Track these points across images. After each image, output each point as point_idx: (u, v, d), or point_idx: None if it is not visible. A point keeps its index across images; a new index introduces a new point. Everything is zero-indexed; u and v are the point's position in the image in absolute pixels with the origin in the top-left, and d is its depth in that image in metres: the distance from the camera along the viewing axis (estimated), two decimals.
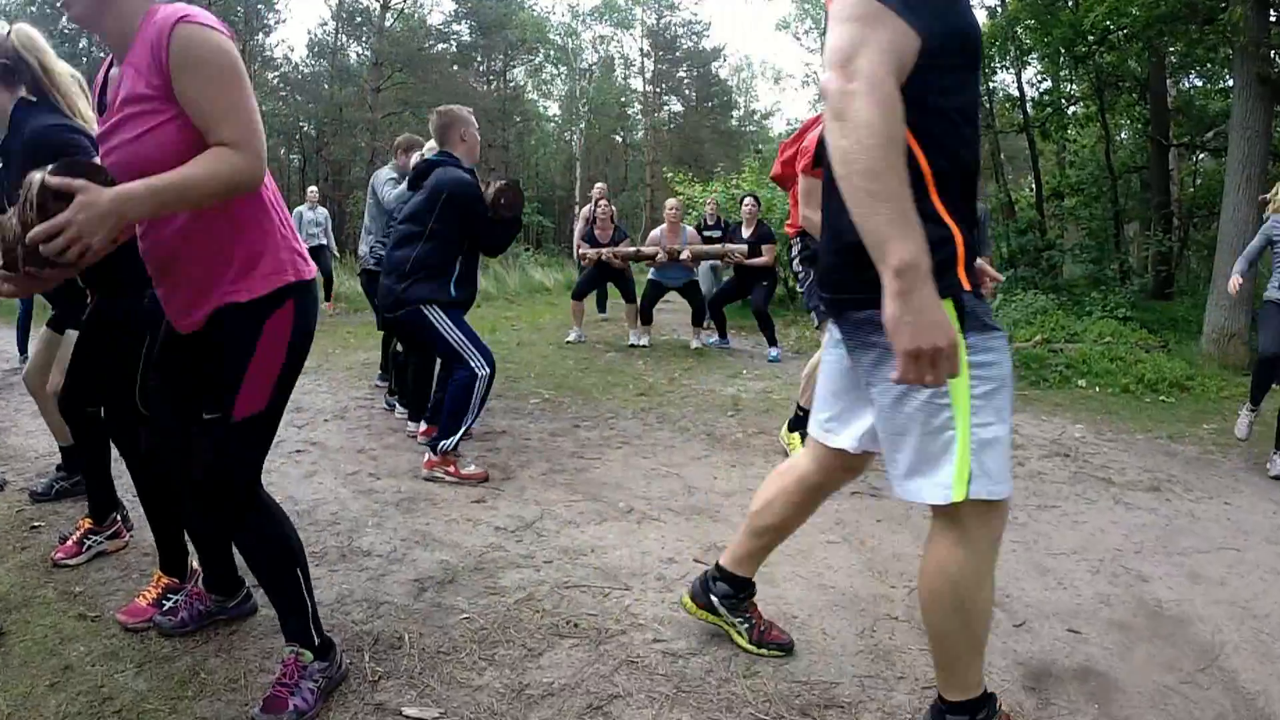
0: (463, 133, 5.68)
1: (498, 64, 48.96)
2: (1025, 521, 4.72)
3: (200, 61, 2.30)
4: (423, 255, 5.38)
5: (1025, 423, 7.32)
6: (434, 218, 5.38)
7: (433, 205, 5.39)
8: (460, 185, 5.38)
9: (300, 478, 5.27)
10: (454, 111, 5.76)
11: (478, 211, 5.41)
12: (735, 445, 6.37)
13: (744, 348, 11.82)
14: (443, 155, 5.66)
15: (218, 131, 2.31)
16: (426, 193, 5.47)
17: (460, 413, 5.34)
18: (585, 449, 6.18)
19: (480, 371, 5.31)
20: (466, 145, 5.69)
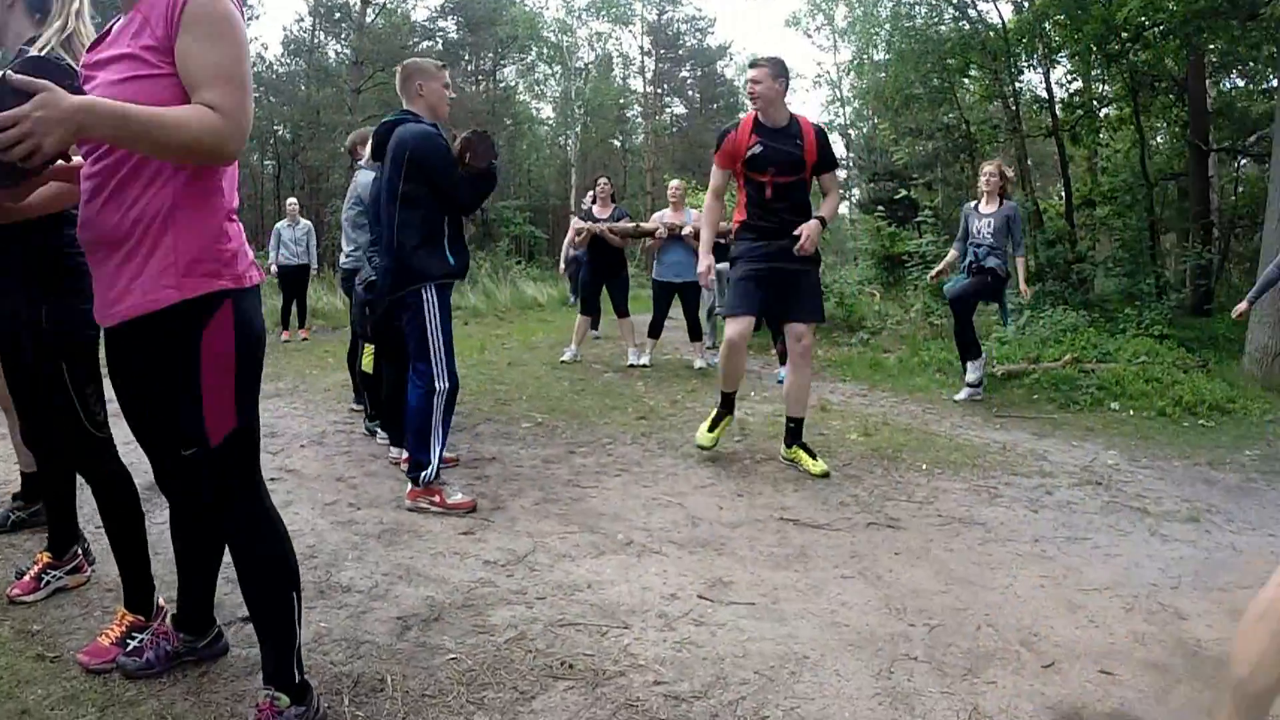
0: (419, 86, 5.62)
1: (487, 63, 49.13)
2: (1054, 555, 4.72)
3: (211, 21, 2.39)
4: (403, 221, 5.36)
5: (1054, 449, 7.33)
6: (403, 180, 5.34)
7: (398, 166, 5.35)
8: (420, 138, 5.34)
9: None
10: (413, 63, 5.74)
11: (445, 166, 5.35)
12: (742, 473, 6.38)
13: (751, 367, 11.82)
14: (402, 114, 5.60)
15: (206, 92, 2.37)
16: (390, 156, 5.44)
17: (424, 434, 5.35)
18: (581, 476, 6.19)
19: (438, 385, 5.32)
20: (426, 100, 5.62)
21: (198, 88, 2.37)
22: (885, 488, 6.01)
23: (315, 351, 12.50)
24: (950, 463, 6.70)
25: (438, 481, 5.36)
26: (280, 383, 9.88)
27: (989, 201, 9.57)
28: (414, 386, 5.39)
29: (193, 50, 2.37)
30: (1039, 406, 9.16)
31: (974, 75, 22.20)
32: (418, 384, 5.36)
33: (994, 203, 9.53)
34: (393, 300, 5.49)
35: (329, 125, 36.97)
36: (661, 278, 11.57)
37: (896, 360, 11.98)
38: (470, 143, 5.36)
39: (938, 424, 8.26)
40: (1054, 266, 17.57)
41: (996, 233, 9.36)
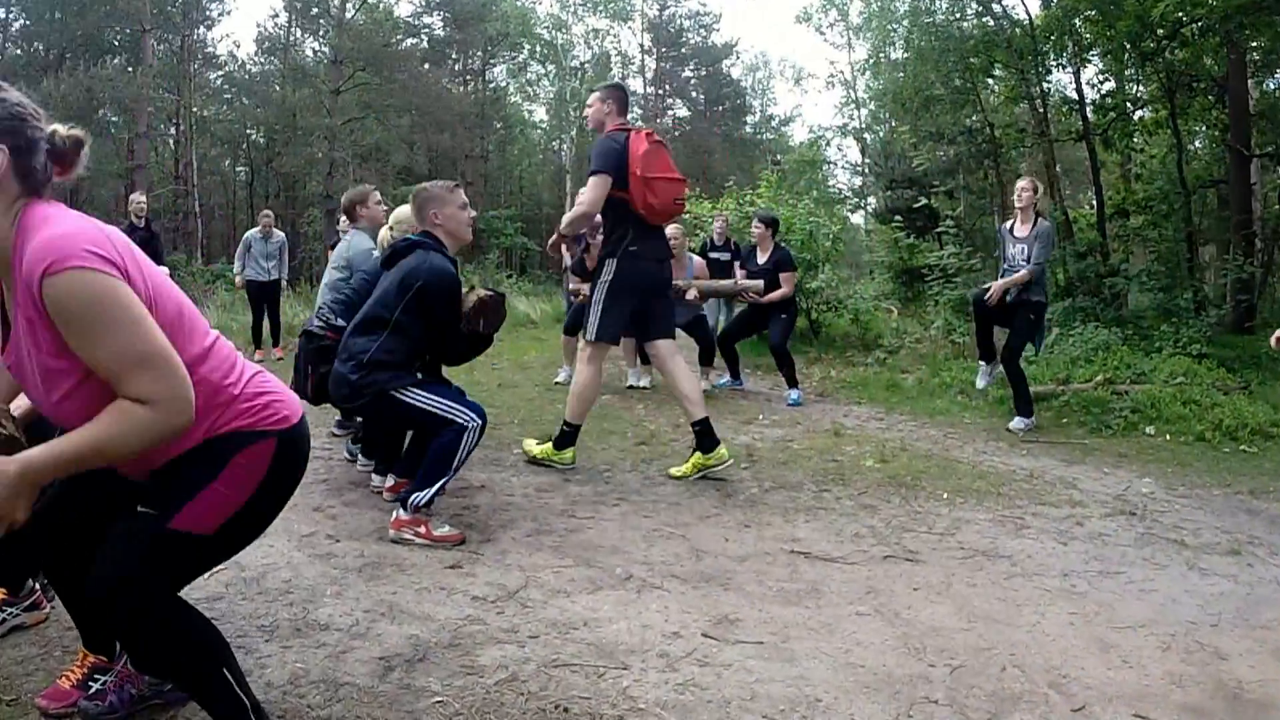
0: (434, 215, 5.74)
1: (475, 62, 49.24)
2: (1085, 590, 4.73)
3: (80, 318, 2.30)
4: (386, 346, 5.44)
5: (1085, 476, 7.35)
6: (401, 308, 5.44)
7: (403, 293, 5.44)
8: (437, 278, 5.44)
9: None
10: (424, 192, 5.87)
11: (448, 312, 5.49)
12: (749, 502, 6.39)
13: (760, 389, 11.85)
14: (424, 236, 5.71)
15: (123, 386, 2.35)
16: (399, 277, 5.52)
17: (443, 467, 5.37)
18: (576, 506, 6.20)
19: (470, 424, 5.37)
20: (445, 227, 5.74)
21: (117, 383, 2.34)
22: (903, 518, 6.02)
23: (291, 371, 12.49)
24: (973, 491, 6.72)
25: (424, 512, 5.38)
26: None
27: (1024, 221, 9.21)
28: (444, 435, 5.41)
29: (83, 349, 2.32)
30: (1068, 431, 9.17)
31: (999, 75, 22.22)
32: (447, 436, 5.39)
33: (1029, 222, 9.16)
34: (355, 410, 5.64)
35: (306, 129, 37.06)
36: None
37: (915, 381, 12.00)
38: (485, 306, 5.59)
39: (960, 450, 8.28)
40: (1084, 280, 17.52)
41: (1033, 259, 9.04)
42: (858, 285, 20.24)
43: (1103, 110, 19.79)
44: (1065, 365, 11.50)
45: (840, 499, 6.47)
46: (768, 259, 11.13)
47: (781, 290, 10.89)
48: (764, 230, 11.31)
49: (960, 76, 21.44)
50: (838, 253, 17.52)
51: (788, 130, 62.77)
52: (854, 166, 50.47)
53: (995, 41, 20.15)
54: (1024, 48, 19.41)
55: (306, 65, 41.73)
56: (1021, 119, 22.84)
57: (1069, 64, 20.18)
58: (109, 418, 2.33)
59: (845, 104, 49.95)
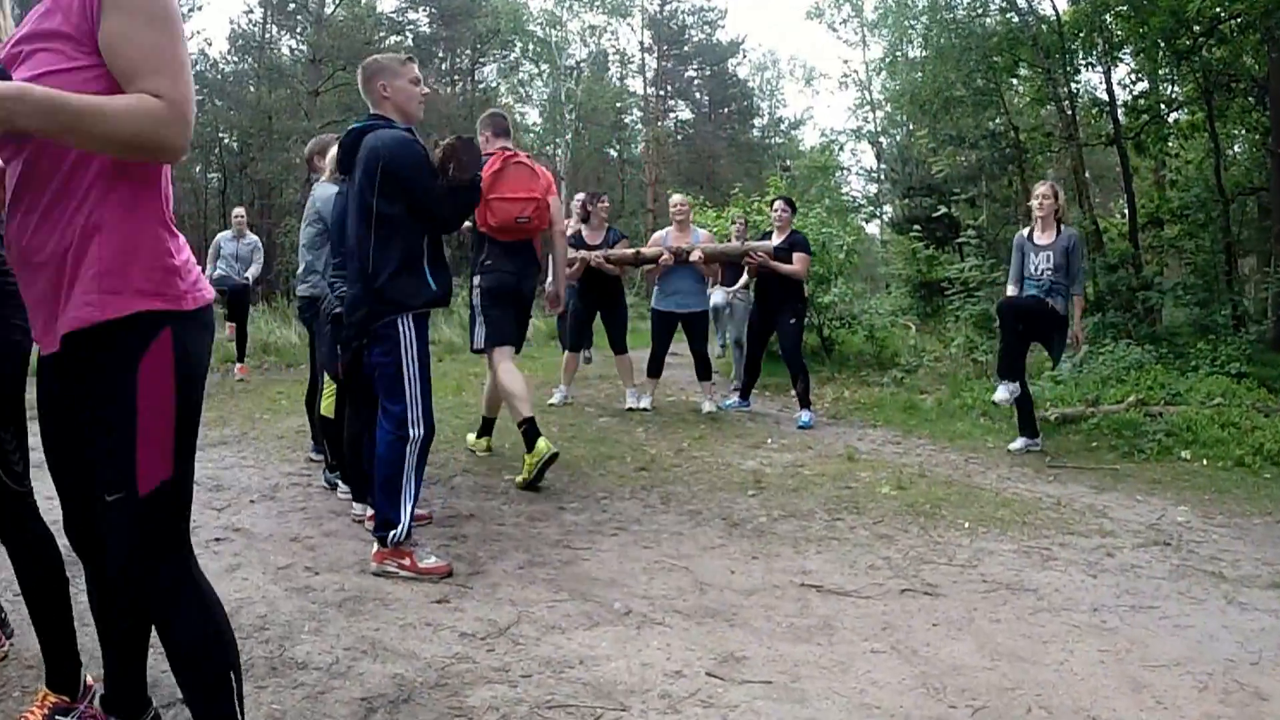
0: (383, 86, 5.65)
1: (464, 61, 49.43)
2: (1116, 626, 4.74)
3: (151, 4, 2.38)
4: (380, 244, 5.36)
5: (1116, 504, 7.36)
6: (376, 195, 5.35)
7: (370, 179, 5.36)
8: (394, 146, 5.37)
9: (220, 572, 5.29)
10: (373, 62, 5.77)
11: (423, 178, 5.39)
12: (757, 532, 6.40)
13: (768, 411, 11.86)
14: (371, 119, 5.64)
15: (147, 80, 2.36)
16: (360, 169, 5.45)
17: (393, 487, 5.35)
18: (572, 536, 6.21)
19: (412, 431, 5.35)
20: (393, 101, 5.65)
21: (135, 76, 2.36)
22: (922, 549, 6.03)
23: (267, 392, 12.51)
24: (997, 520, 6.73)
25: (408, 542, 5.37)
26: (227, 428, 9.91)
27: (1045, 229, 9.26)
28: (383, 431, 5.41)
29: (124, 34, 2.35)
30: (1098, 456, 9.18)
31: (1024, 75, 22.31)
32: (387, 429, 5.38)
33: (1050, 230, 9.22)
34: (366, 335, 5.52)
35: (283, 132, 37.07)
36: (662, 307, 11.55)
37: (935, 403, 12.02)
38: (454, 150, 5.40)
39: (982, 476, 8.29)
40: (1116, 295, 17.55)
41: (1057, 268, 9.06)
42: (873, 300, 20.25)
43: (1135, 112, 19.86)
44: (1095, 385, 11.51)
45: (854, 528, 6.47)
46: (783, 240, 11.19)
47: (792, 266, 10.97)
48: (787, 211, 11.43)
49: (983, 76, 21.51)
50: (852, 265, 17.56)
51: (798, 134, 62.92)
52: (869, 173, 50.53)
53: (1020, 39, 20.22)
54: (1051, 46, 19.47)
55: (283, 64, 41.88)
56: (1048, 122, 22.91)
57: (1099, 63, 20.23)
58: (123, 97, 2.33)
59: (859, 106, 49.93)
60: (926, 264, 23.22)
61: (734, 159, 54.79)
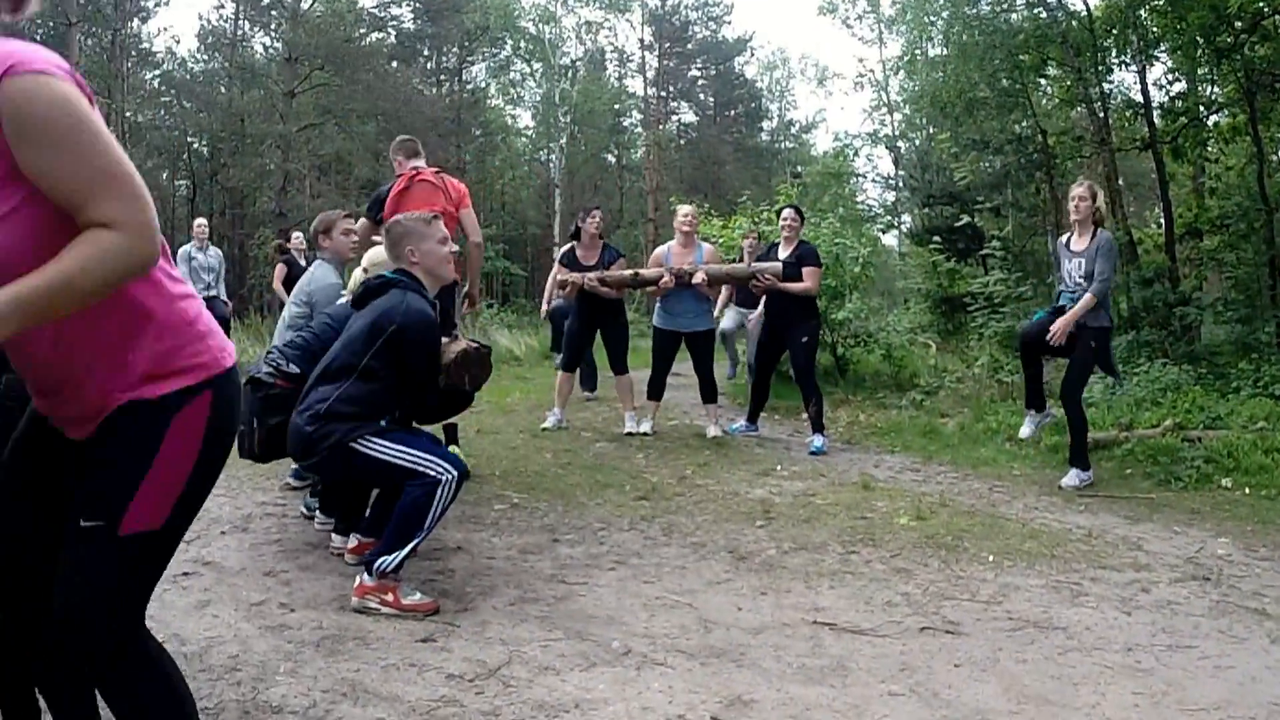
0: (411, 251, 5.75)
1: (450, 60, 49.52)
2: (1151, 666, 4.74)
3: (45, 126, 2.26)
4: (347, 395, 5.41)
5: (1151, 536, 7.37)
6: (372, 354, 5.43)
7: (374, 337, 5.44)
8: (415, 321, 5.44)
9: (189, 609, 5.31)
10: (400, 225, 5.87)
11: (425, 361, 5.50)
12: (766, 566, 6.41)
13: (777, 435, 11.87)
14: (400, 274, 5.73)
15: (87, 210, 2.30)
16: (370, 318, 5.53)
17: (414, 525, 5.35)
18: (567, 571, 6.22)
19: (444, 476, 5.34)
20: (423, 265, 5.76)
21: (77, 209, 2.30)
22: (943, 584, 6.04)
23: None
24: (1023, 553, 6.74)
25: (392, 577, 5.38)
26: None
27: (1080, 234, 9.16)
28: (412, 487, 5.40)
29: (42, 169, 2.27)
30: (1133, 484, 9.19)
31: (1052, 75, 22.32)
32: (415, 487, 5.37)
33: (1086, 234, 9.10)
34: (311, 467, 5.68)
35: (256, 136, 37.07)
36: (665, 325, 11.51)
37: (957, 427, 12.02)
38: (468, 358, 5.64)
39: (1008, 505, 8.30)
40: (1151, 310, 17.49)
41: (1090, 276, 8.92)
42: (890, 316, 20.31)
43: (1172, 115, 19.83)
44: (1129, 408, 11.52)
45: (870, 562, 6.49)
46: (790, 253, 11.09)
47: (803, 284, 10.86)
48: (796, 220, 11.34)
49: (1008, 76, 21.50)
50: (867, 279, 17.52)
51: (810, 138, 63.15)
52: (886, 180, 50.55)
53: (1048, 36, 20.22)
54: (1081, 43, 19.49)
55: (256, 64, 41.92)
56: (1078, 125, 22.91)
57: (1133, 62, 20.22)
58: (75, 249, 2.27)
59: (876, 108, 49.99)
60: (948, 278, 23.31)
61: (741, 165, 54.80)
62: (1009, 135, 24.15)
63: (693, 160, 55.97)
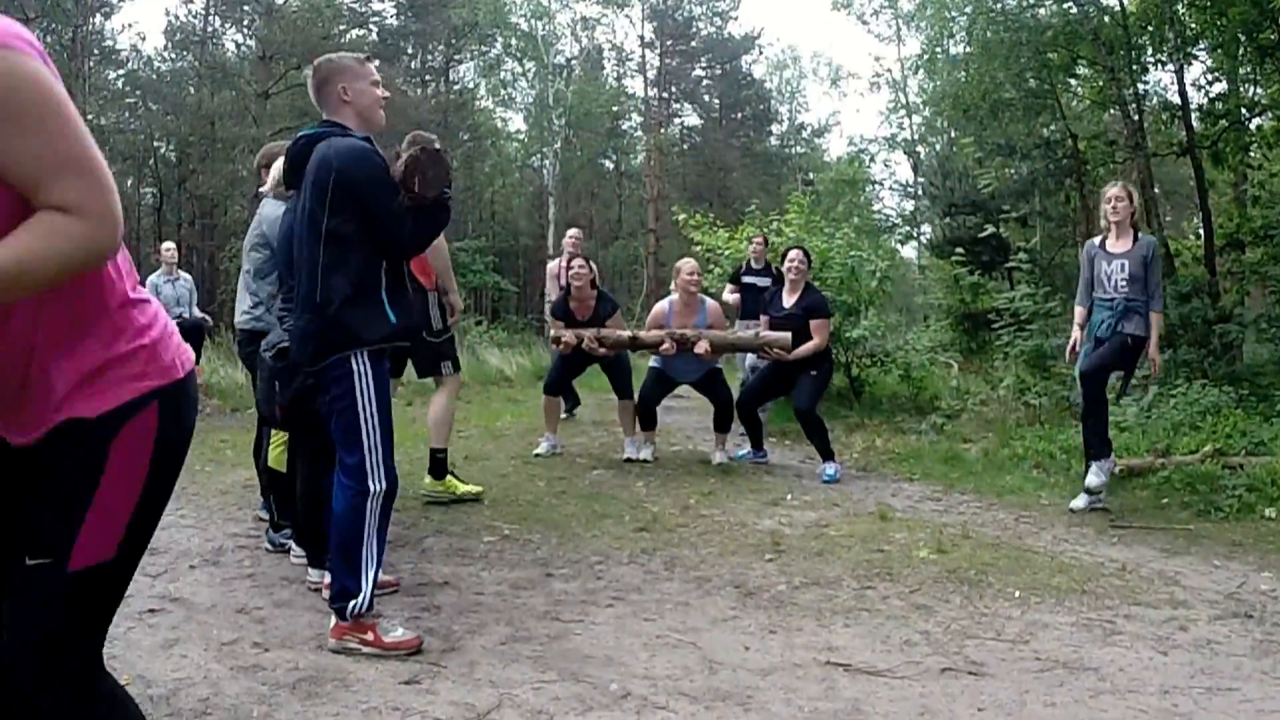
0: (343, 89, 5.54)
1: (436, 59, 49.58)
2: (1190, 711, 4.74)
3: (16, 96, 2.23)
4: (329, 268, 5.29)
5: (1189, 569, 7.37)
6: (327, 213, 5.28)
7: (321, 193, 5.29)
8: (350, 158, 5.29)
9: (155, 648, 5.30)
10: (327, 62, 5.68)
11: (383, 194, 5.31)
12: (776, 602, 6.41)
13: (787, 462, 11.87)
14: (324, 126, 5.58)
15: (47, 192, 2.27)
16: (310, 182, 5.39)
17: (352, 550, 5.30)
18: (561, 607, 6.22)
19: (373, 485, 5.29)
20: (353, 106, 5.56)
21: (34, 191, 2.26)
22: (965, 622, 6.04)
23: (210, 441, 12.50)
24: (1052, 589, 6.73)
25: (370, 614, 5.36)
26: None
27: (1119, 236, 9.18)
28: (340, 487, 5.38)
29: (6, 144, 2.23)
30: (1169, 514, 9.19)
31: (1083, 74, 22.36)
32: (344, 483, 5.35)
33: (1126, 237, 9.13)
34: (312, 373, 5.52)
35: (228, 140, 37.06)
36: (663, 368, 11.53)
37: (980, 453, 12.02)
38: (418, 163, 5.32)
39: (1035, 537, 8.30)
40: (1189, 328, 17.44)
41: (1134, 280, 8.99)
42: (909, 334, 20.26)
43: (1211, 118, 19.83)
44: (1165, 433, 11.51)
45: (887, 598, 6.49)
46: (795, 303, 11.10)
47: (813, 343, 10.85)
48: (804, 264, 11.32)
49: (1036, 76, 21.53)
50: (885, 294, 17.55)
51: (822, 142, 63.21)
52: (904, 187, 50.67)
53: (1079, 33, 20.23)
54: (1114, 41, 19.50)
55: (228, 63, 41.99)
56: (1111, 128, 22.92)
57: (1169, 61, 20.23)
58: (29, 230, 2.23)
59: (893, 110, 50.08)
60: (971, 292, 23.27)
61: (748, 171, 54.88)
62: (1036, 139, 24.18)
63: (696, 166, 56.04)
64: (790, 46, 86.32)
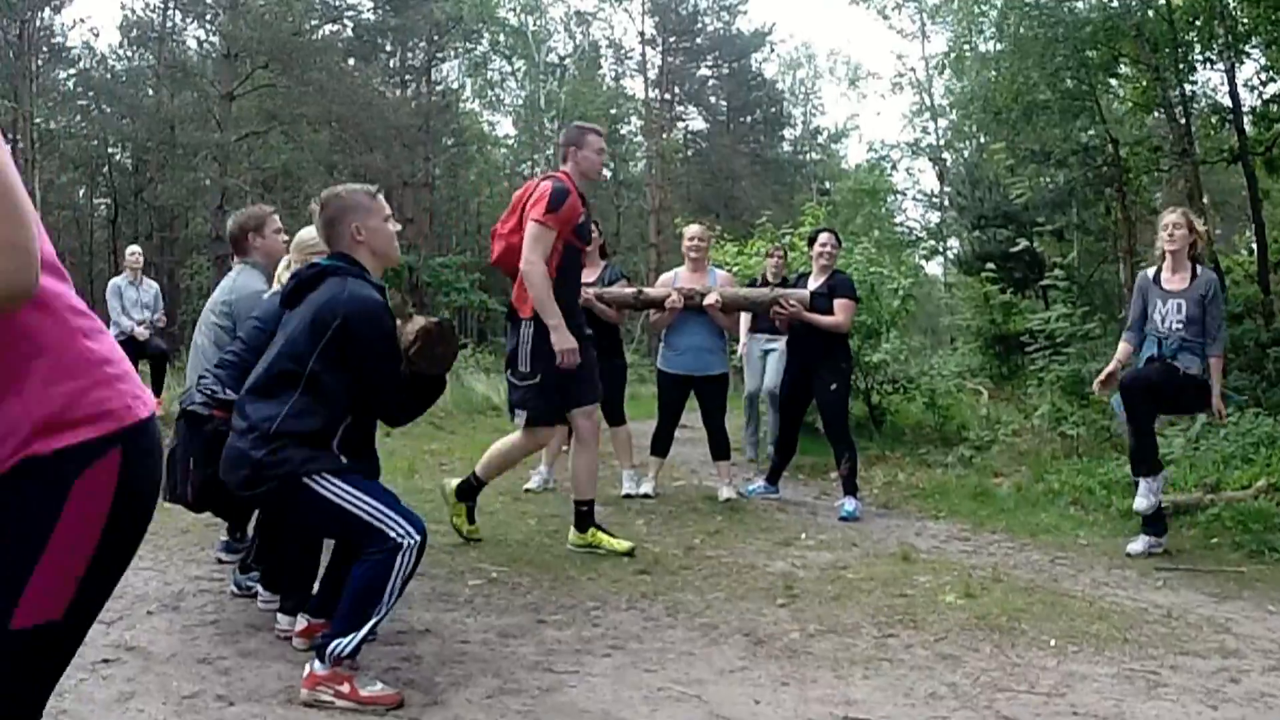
0: (357, 228, 5.63)
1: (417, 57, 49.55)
2: None
3: None
4: (297, 410, 5.33)
5: (1241, 616, 7.38)
6: (316, 356, 5.33)
7: (317, 336, 5.35)
8: (363, 309, 5.36)
9: (110, 702, 5.30)
10: (342, 198, 5.73)
11: (381, 353, 5.41)
12: (788, 651, 6.41)
13: (802, 498, 11.88)
14: (336, 259, 5.63)
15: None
16: (309, 315, 5.43)
17: (371, 600, 5.28)
18: (554, 657, 6.22)
19: (405, 540, 5.28)
20: (370, 245, 5.65)
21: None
22: (996, 673, 6.04)
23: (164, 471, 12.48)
24: (1091, 637, 6.74)
25: (348, 664, 5.36)
26: None
27: (1176, 268, 9.13)
28: (368, 555, 5.32)
29: None
30: (1219, 555, 9.19)
31: (1125, 74, 22.37)
32: (373, 554, 5.29)
33: (1183, 271, 9.08)
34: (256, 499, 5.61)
35: (189, 146, 36.94)
36: (671, 368, 11.56)
37: (1012, 488, 12.02)
38: (430, 337, 5.46)
39: (1072, 580, 8.31)
40: (1241, 351, 17.43)
41: (1191, 323, 8.92)
42: (935, 358, 20.27)
43: (1266, 121, 19.86)
44: (1215, 467, 11.49)
45: (911, 647, 6.50)
46: (823, 283, 11.17)
47: (834, 318, 10.91)
48: (835, 247, 11.45)
49: (1073, 76, 21.52)
50: (908, 314, 17.55)
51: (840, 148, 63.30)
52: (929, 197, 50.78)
53: (1121, 29, 20.22)
54: (1159, 37, 19.51)
55: (189, 61, 41.95)
56: (1155, 133, 22.91)
57: (1220, 59, 20.25)
58: None
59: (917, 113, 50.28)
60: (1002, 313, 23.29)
61: (759, 180, 54.85)
62: (1074, 145, 24.15)
63: (702, 175, 56.03)
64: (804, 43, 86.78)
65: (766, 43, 59.84)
